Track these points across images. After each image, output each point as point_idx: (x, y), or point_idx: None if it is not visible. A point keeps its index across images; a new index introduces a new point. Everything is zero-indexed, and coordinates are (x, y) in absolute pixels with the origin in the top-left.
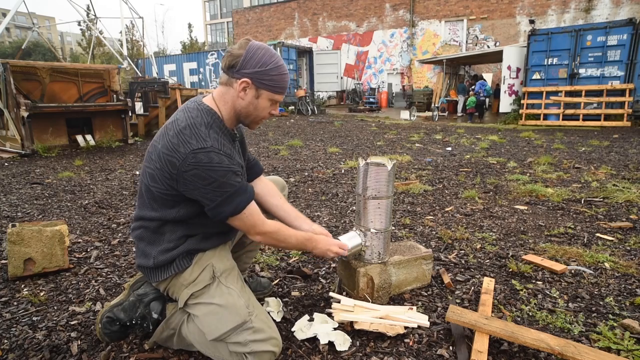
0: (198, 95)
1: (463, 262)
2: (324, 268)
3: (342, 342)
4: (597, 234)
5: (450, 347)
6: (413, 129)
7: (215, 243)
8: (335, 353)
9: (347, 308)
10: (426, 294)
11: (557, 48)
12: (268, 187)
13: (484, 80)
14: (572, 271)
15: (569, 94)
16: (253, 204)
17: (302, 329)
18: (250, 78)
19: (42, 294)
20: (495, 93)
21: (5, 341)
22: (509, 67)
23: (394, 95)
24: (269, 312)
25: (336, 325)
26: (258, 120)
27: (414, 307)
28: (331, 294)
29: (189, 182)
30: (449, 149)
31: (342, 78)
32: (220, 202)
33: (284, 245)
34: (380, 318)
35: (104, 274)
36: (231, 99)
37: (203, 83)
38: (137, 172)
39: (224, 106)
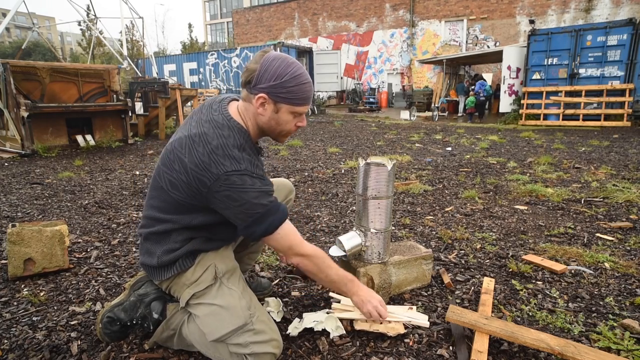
0: (221, 100)
1: (463, 262)
2: None
3: (335, 329)
4: (597, 234)
5: (450, 347)
6: (413, 129)
7: (218, 244)
8: (336, 353)
9: (347, 308)
10: (426, 294)
11: (557, 48)
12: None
13: (484, 80)
14: (572, 271)
15: (569, 94)
16: (288, 225)
17: (297, 325)
18: (266, 93)
19: (42, 294)
20: (495, 93)
21: (5, 341)
22: (509, 67)
23: (394, 95)
24: (269, 312)
25: (329, 310)
26: (284, 134)
27: (414, 307)
28: (331, 294)
29: (220, 201)
30: (449, 149)
31: (342, 78)
32: (251, 223)
33: (323, 275)
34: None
35: (104, 274)
36: (252, 115)
37: (203, 83)
38: (137, 172)
39: (249, 122)
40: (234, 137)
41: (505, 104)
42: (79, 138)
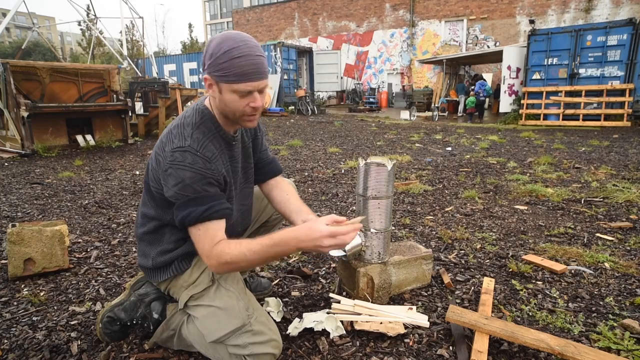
0: (205, 95)
1: (463, 262)
2: (324, 268)
3: (335, 329)
4: (597, 234)
5: (450, 347)
6: (413, 129)
7: None
8: (336, 353)
9: (347, 308)
10: (426, 294)
11: (557, 48)
12: (278, 182)
13: (484, 80)
14: (572, 271)
15: (569, 94)
16: (214, 226)
17: (297, 325)
18: (208, 74)
19: (42, 294)
20: (495, 93)
21: (5, 341)
22: (509, 67)
23: (394, 95)
24: (268, 312)
25: (329, 310)
26: (238, 117)
27: (414, 307)
28: (331, 294)
29: (165, 181)
30: (449, 149)
31: (342, 78)
32: (177, 205)
33: (246, 266)
34: (375, 316)
35: (104, 274)
36: (212, 99)
37: (203, 83)
38: (137, 172)
39: (213, 106)
40: (193, 117)
41: (505, 104)
42: (79, 138)
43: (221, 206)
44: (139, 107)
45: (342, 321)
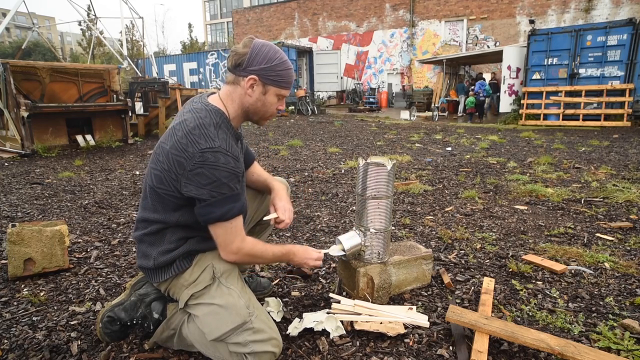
0: (202, 94)
1: (463, 262)
2: (324, 268)
3: (335, 329)
4: (597, 234)
5: (450, 347)
6: (413, 129)
7: (215, 244)
8: (336, 353)
9: (347, 308)
10: (426, 294)
11: (557, 48)
12: (252, 167)
13: (484, 80)
14: (572, 271)
15: (569, 94)
16: (241, 219)
17: (297, 325)
18: (257, 75)
19: (42, 294)
20: (494, 89)
21: (5, 341)
22: (509, 67)
23: (394, 95)
24: (269, 312)
25: (329, 310)
26: (267, 117)
27: (414, 307)
28: (331, 294)
29: (191, 181)
30: (449, 149)
31: (342, 78)
32: (212, 202)
33: (260, 261)
34: (375, 316)
35: (104, 274)
36: (239, 97)
37: (203, 83)
38: (137, 172)
39: (232, 105)
40: (210, 117)
41: (505, 104)
42: (79, 138)
43: (246, 203)
44: (139, 107)
45: (342, 321)
